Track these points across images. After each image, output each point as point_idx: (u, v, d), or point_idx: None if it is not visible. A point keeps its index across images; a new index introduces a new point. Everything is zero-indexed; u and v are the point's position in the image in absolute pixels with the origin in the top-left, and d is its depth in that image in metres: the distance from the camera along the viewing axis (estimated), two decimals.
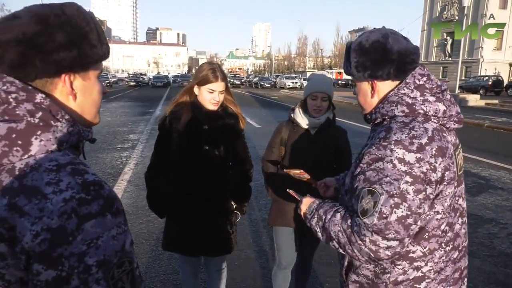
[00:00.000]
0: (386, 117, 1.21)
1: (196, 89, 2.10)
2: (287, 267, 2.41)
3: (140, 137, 10.08)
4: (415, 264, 1.17)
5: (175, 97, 2.22)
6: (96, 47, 0.80)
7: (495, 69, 39.48)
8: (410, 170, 1.06)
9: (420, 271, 1.18)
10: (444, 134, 1.16)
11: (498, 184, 6.21)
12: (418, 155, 1.07)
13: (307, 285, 2.70)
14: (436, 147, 1.10)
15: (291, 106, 2.45)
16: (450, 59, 44.21)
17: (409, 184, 1.06)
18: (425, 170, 1.07)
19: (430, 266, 1.18)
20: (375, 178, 1.09)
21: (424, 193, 1.08)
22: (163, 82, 43.96)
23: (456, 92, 23.61)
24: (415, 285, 1.19)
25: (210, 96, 2.06)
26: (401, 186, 1.05)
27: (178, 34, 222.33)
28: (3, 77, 0.72)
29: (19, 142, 0.69)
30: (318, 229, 1.27)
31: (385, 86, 1.23)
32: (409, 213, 1.06)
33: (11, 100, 0.70)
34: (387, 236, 1.07)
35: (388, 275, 1.19)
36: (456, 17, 43.43)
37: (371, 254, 1.10)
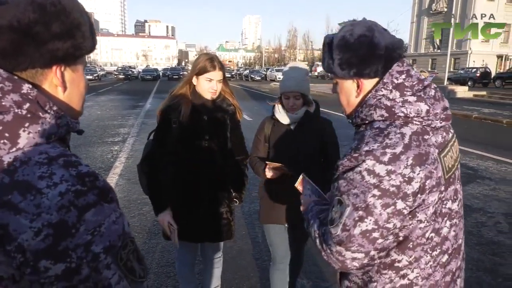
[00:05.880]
0: (366, 121, 1.14)
1: (194, 80, 2.13)
2: (282, 261, 2.40)
3: (131, 130, 10.00)
4: (401, 272, 1.14)
5: (173, 88, 2.23)
6: (88, 39, 0.79)
7: (483, 61, 39.85)
8: (378, 183, 1.00)
9: (406, 278, 1.14)
10: (426, 137, 1.07)
11: (485, 174, 6.33)
12: (389, 167, 1.00)
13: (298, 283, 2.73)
14: (413, 155, 1.02)
15: None
16: (439, 51, 44.51)
17: (376, 197, 1.00)
18: (397, 183, 1.00)
19: (417, 273, 1.14)
20: (344, 188, 1.06)
21: (393, 207, 1.01)
22: (153, 75, 43.59)
23: (445, 84, 23.84)
24: None
25: (209, 85, 2.09)
26: (367, 199, 1.01)
27: (167, 27, 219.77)
28: None
29: (6, 134, 0.67)
30: (308, 232, 1.26)
31: (371, 85, 1.15)
32: (375, 227, 1.02)
33: None
34: (350, 248, 1.04)
35: (375, 283, 1.16)
36: (445, 9, 43.70)
37: (339, 263, 1.09)
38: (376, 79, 1.13)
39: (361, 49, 1.10)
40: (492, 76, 31.24)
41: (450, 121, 1.15)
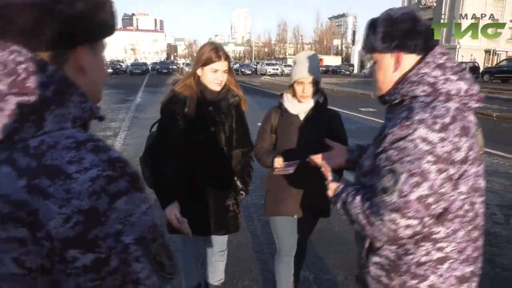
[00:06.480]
0: (406, 98, 1.19)
1: (199, 71, 2.08)
2: (288, 254, 2.37)
3: (122, 125, 9.87)
4: (438, 245, 1.17)
5: (176, 79, 2.19)
6: (110, 19, 0.76)
7: (471, 55, 40.35)
8: (432, 150, 1.05)
9: (443, 251, 1.17)
10: (465, 114, 1.15)
11: None
12: (441, 134, 1.06)
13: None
14: (459, 126, 1.09)
15: (273, 92, 2.36)
16: None
17: (431, 163, 1.05)
18: (448, 150, 1.06)
19: (453, 247, 1.18)
20: (396, 157, 1.09)
21: (446, 173, 1.07)
22: (142, 69, 43.13)
23: None
24: (438, 266, 1.18)
25: (214, 76, 2.04)
26: (422, 165, 1.05)
27: (155, 20, 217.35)
28: (8, 46, 0.64)
29: (32, 117, 0.63)
30: (344, 213, 1.28)
31: (408, 61, 1.22)
32: (430, 192, 1.05)
33: (20, 71, 0.63)
34: (406, 214, 1.06)
35: (411, 256, 1.19)
36: (434, 4, 44.07)
37: (390, 233, 1.10)
38: (414, 57, 1.21)
39: (404, 23, 1.19)
40: (481, 71, 31.65)
41: (482, 103, 1.20)
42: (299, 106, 2.22)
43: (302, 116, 2.23)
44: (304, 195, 2.24)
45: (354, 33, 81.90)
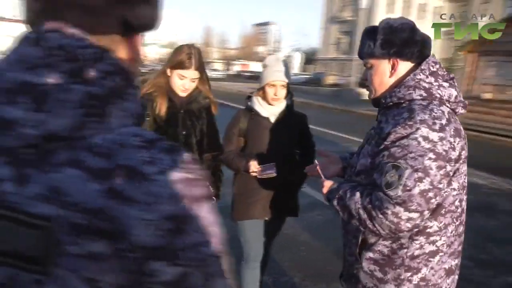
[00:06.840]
0: (403, 101, 1.28)
1: (168, 71, 1.98)
2: (256, 259, 2.34)
3: None
4: (431, 238, 1.25)
5: (145, 79, 2.06)
6: (159, 11, 0.69)
7: None
8: (433, 148, 1.15)
9: (435, 245, 1.26)
10: (456, 118, 1.27)
11: None
12: (441, 134, 1.17)
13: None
14: (454, 128, 1.21)
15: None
16: (347, 56, 48.03)
17: (432, 160, 1.14)
18: (446, 148, 1.17)
19: (444, 240, 1.27)
20: (400, 153, 1.17)
21: (444, 169, 1.17)
22: None
23: (354, 87, 25.83)
24: (429, 258, 1.26)
25: (180, 82, 1.97)
26: (425, 162, 1.14)
27: None
28: (63, 27, 0.55)
29: (97, 111, 0.54)
30: (339, 209, 1.32)
31: (404, 68, 1.32)
32: (431, 187, 1.14)
33: (80, 57, 0.54)
34: (409, 207, 1.14)
35: (406, 250, 1.26)
36: (351, 18, 47.33)
37: (392, 226, 1.16)
38: (409, 64, 1.32)
39: (404, 32, 1.29)
40: None
41: (466, 109, 1.33)
42: (270, 109, 2.21)
43: (272, 119, 2.23)
44: (274, 197, 2.24)
45: (278, 41, 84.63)
